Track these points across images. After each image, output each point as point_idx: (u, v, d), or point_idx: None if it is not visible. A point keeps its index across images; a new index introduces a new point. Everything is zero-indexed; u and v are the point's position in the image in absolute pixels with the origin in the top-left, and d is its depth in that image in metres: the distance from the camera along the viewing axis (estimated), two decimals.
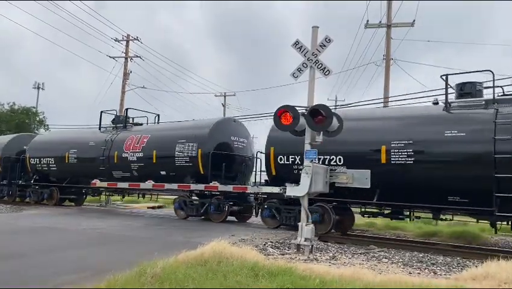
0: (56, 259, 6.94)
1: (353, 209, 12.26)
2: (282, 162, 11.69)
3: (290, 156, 11.52)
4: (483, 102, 10.05)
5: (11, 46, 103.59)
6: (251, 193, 13.28)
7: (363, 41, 72.17)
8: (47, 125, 39.25)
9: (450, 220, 10.99)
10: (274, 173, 11.94)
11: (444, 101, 10.39)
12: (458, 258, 8.53)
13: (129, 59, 30.36)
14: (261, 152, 12.88)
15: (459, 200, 9.57)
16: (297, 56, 8.96)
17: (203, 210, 13.57)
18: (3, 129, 32.84)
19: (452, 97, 10.49)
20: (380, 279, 5.33)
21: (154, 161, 14.69)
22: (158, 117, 18.17)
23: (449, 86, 10.39)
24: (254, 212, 13.29)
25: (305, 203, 8.42)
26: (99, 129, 17.96)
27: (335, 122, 8.69)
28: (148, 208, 20.78)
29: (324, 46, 8.79)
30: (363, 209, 11.34)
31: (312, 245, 8.21)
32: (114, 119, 18.24)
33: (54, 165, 18.20)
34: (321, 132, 8.57)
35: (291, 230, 11.05)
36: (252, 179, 14.94)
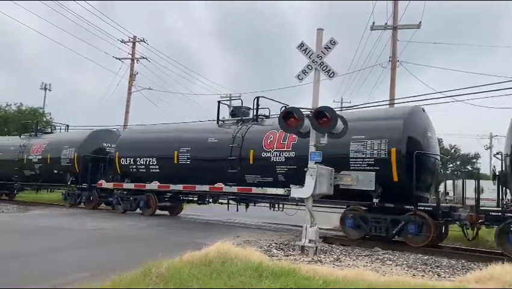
0: (64, 258, 7.01)
1: None
2: None
3: None
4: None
5: (19, 47, 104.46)
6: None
7: (369, 42, 72.11)
8: (54, 126, 39.53)
9: None
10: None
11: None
12: (463, 261, 8.51)
13: (135, 60, 30.55)
14: None
15: None
16: (303, 58, 9.02)
17: (397, 230, 9.97)
18: (12, 130, 33.10)
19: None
20: (384, 280, 5.35)
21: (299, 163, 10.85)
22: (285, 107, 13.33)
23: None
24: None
25: (309, 205, 8.44)
26: (217, 122, 14.34)
27: (339, 124, 8.71)
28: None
29: (329, 48, 8.85)
30: None
31: (316, 247, 8.23)
32: (233, 111, 14.55)
33: (156, 167, 14.88)
34: (326, 134, 8.60)
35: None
36: None
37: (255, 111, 13.62)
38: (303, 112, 8.71)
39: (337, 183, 9.64)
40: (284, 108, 10.77)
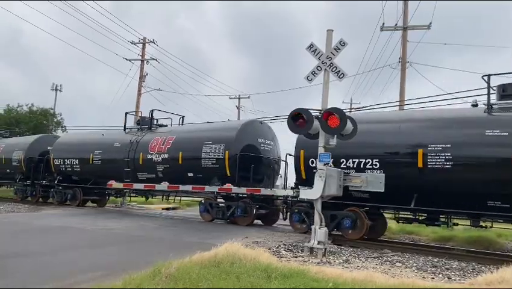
0: (72, 258, 7.08)
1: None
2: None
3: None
4: None
5: (30, 48, 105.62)
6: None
7: (379, 43, 71.71)
8: (65, 126, 39.93)
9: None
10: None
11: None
12: (473, 263, 8.44)
13: (145, 61, 30.74)
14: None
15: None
16: (314, 59, 9.00)
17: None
18: (23, 130, 33.48)
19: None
20: (393, 282, 5.33)
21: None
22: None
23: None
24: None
25: (318, 206, 8.43)
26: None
27: (349, 125, 8.69)
28: (163, 209, 20.97)
29: (339, 49, 8.82)
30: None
31: (325, 249, 8.22)
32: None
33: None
34: (335, 136, 8.58)
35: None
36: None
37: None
38: (313, 113, 8.70)
39: (346, 184, 9.62)
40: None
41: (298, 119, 8.72)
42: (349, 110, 26.02)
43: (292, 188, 12.38)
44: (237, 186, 13.05)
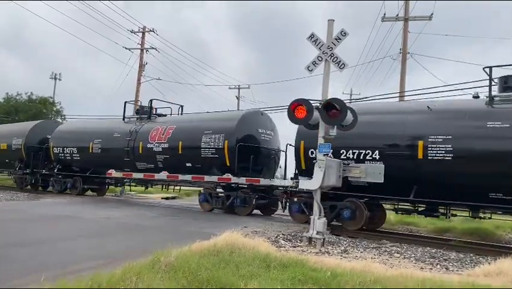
0: (72, 246, 7.10)
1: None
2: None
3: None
4: None
5: (30, 36, 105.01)
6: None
7: (380, 34, 71.30)
8: (64, 115, 39.86)
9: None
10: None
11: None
12: (471, 255, 8.48)
13: (144, 51, 30.59)
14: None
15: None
16: (315, 49, 8.94)
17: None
18: (22, 119, 33.43)
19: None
20: (392, 273, 5.35)
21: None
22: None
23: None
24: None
25: (317, 196, 8.45)
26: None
27: (349, 116, 8.67)
28: (162, 198, 21.04)
29: (340, 39, 8.75)
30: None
31: (324, 239, 8.25)
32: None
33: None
34: (335, 126, 8.56)
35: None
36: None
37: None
38: (313, 104, 8.68)
39: (345, 175, 9.64)
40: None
41: (298, 110, 8.70)
42: (349, 101, 25.95)
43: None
44: (236, 176, 13.05)
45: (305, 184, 8.78)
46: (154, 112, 17.17)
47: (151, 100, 17.22)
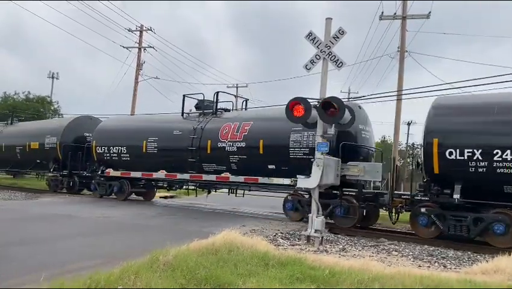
0: (71, 245, 7.10)
1: None
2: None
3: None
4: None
5: (28, 36, 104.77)
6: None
7: (378, 33, 71.40)
8: (62, 114, 39.80)
9: None
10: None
11: None
12: (469, 252, 8.52)
13: (142, 49, 30.51)
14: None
15: None
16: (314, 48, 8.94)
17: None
18: (22, 118, 33.36)
19: None
20: (390, 271, 5.37)
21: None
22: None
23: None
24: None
25: (315, 195, 8.46)
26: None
27: (347, 114, 8.68)
28: (160, 197, 21.00)
29: (338, 37, 8.76)
30: None
31: (322, 237, 8.27)
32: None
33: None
34: (333, 125, 8.58)
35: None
36: None
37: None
38: (311, 103, 8.69)
39: (343, 174, 9.65)
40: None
41: (296, 108, 8.71)
42: (347, 99, 25.96)
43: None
44: None
45: (303, 183, 8.79)
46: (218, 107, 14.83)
47: (217, 93, 14.77)
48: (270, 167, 12.14)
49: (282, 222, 11.39)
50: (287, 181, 11.51)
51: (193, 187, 15.87)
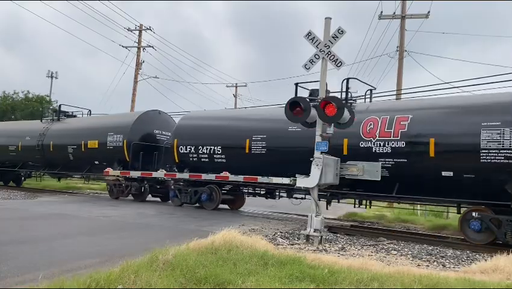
0: (71, 244, 7.10)
1: None
2: None
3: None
4: None
5: (27, 35, 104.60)
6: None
7: (378, 32, 71.35)
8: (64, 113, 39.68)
9: None
10: None
11: None
12: (468, 252, 8.53)
13: (141, 49, 30.52)
14: None
15: None
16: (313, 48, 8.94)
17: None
18: (18, 118, 33.33)
19: None
20: (389, 270, 5.38)
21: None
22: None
23: None
24: None
25: (314, 194, 8.47)
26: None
27: (346, 114, 8.69)
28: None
29: (337, 37, 8.76)
30: None
31: (321, 236, 8.28)
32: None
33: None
34: (333, 124, 8.58)
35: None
36: None
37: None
38: (310, 102, 8.70)
39: (342, 173, 9.65)
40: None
41: (295, 108, 8.72)
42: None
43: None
44: None
45: (302, 182, 8.79)
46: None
47: (347, 79, 11.26)
48: (444, 174, 9.49)
49: (281, 221, 11.41)
50: (286, 180, 11.50)
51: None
